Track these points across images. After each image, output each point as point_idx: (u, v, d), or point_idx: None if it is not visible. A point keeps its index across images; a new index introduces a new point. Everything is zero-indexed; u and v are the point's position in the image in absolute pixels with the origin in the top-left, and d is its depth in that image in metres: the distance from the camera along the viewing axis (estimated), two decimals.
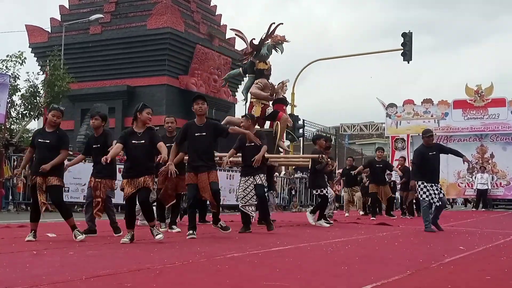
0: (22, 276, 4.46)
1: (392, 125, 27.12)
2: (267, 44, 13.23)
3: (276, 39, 13.41)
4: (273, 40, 13.39)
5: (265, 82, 12.89)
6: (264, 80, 12.93)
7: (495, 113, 24.96)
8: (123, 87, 37.11)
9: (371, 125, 63.32)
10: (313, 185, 11.64)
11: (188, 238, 7.91)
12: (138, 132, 7.51)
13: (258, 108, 12.89)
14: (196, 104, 8.28)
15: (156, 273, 4.76)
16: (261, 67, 13.08)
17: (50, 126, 7.73)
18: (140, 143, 7.43)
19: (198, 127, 8.28)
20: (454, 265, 5.76)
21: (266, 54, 13.11)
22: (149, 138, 7.47)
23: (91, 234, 8.25)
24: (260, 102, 12.93)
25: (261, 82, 12.86)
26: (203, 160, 8.20)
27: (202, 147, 8.25)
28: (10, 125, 25.18)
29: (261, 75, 13.01)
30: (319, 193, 11.40)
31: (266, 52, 13.12)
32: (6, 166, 15.86)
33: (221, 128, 8.75)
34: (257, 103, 12.98)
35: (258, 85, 12.82)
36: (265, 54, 13.10)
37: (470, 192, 25.63)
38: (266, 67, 13.09)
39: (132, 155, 7.50)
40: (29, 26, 39.35)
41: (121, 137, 7.65)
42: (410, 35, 25.15)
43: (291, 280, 4.55)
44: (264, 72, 13.03)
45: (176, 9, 37.03)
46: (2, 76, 16.88)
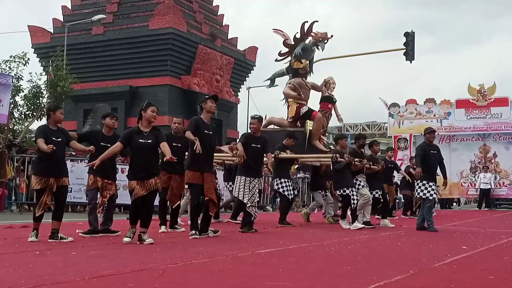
0: (25, 276, 4.47)
1: (394, 124, 27.06)
2: (302, 43, 13.30)
3: (316, 37, 13.52)
4: (313, 38, 13.48)
5: (298, 81, 12.93)
6: (298, 79, 12.98)
7: (498, 112, 24.89)
8: (126, 88, 37.12)
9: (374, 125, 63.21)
10: (335, 186, 11.23)
11: (191, 238, 7.90)
12: (144, 131, 7.43)
13: (293, 108, 13.03)
14: (212, 103, 8.36)
15: (159, 273, 4.76)
16: (296, 66, 13.17)
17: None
18: (147, 143, 7.36)
19: (207, 125, 8.29)
20: (457, 264, 5.75)
21: (300, 53, 13.17)
22: (155, 137, 7.43)
23: (94, 234, 8.25)
24: (295, 102, 12.98)
25: (294, 82, 12.93)
26: (209, 160, 8.21)
27: (210, 146, 8.27)
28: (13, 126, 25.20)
29: (296, 75, 13.11)
30: (341, 193, 10.79)
31: (300, 51, 13.19)
32: (9, 166, 15.89)
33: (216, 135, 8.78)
34: (292, 103, 13.08)
35: (290, 85, 12.92)
36: (299, 53, 13.17)
37: (473, 192, 25.58)
38: (301, 66, 13.12)
39: (140, 155, 7.36)
40: (31, 27, 39.38)
41: (124, 136, 7.47)
42: (413, 34, 25.09)
43: (294, 280, 4.55)
44: (299, 71, 13.09)
45: (178, 9, 37.03)
46: (5, 76, 16.90)
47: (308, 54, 13.47)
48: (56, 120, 7.63)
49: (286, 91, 12.92)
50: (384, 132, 49.89)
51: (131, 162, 7.51)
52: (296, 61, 13.18)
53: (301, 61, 13.16)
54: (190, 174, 8.15)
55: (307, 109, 12.89)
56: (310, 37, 13.56)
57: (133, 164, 7.46)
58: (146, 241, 7.18)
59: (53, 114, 7.61)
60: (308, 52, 13.49)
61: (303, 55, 13.21)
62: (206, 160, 8.09)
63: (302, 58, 13.17)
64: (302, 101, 12.97)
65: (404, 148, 26.21)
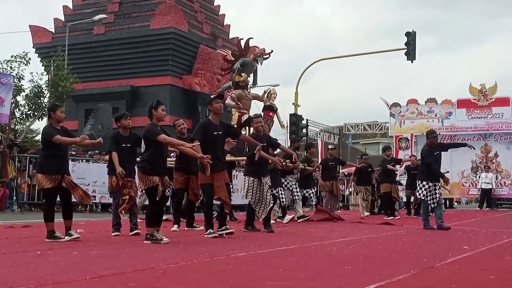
0: (26, 276, 4.47)
1: (396, 124, 27.07)
2: (242, 59, 14.86)
3: (255, 53, 15.16)
4: (253, 54, 15.05)
5: (239, 93, 14.08)
6: (239, 91, 14.14)
7: (499, 112, 24.90)
8: (127, 87, 37.12)
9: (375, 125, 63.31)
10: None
11: (211, 236, 8.03)
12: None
13: (236, 116, 14.20)
14: (217, 103, 8.41)
15: (160, 273, 4.76)
16: (237, 79, 14.41)
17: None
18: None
19: (216, 126, 8.34)
20: (458, 264, 5.75)
21: (239, 68, 14.65)
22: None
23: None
24: (237, 111, 14.15)
25: (235, 93, 14.09)
26: (219, 160, 8.25)
27: (220, 146, 8.39)
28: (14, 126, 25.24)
29: (237, 87, 14.32)
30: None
31: (239, 66, 14.71)
32: (10, 166, 15.91)
33: (233, 131, 9.01)
34: (235, 112, 14.28)
35: (232, 96, 14.08)
36: (238, 68, 14.67)
37: (474, 192, 25.58)
38: (241, 79, 14.33)
39: (162, 151, 7.54)
40: (33, 27, 39.39)
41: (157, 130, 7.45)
42: (414, 34, 25.10)
43: (295, 280, 4.55)
44: (240, 83, 14.27)
45: (180, 9, 37.03)
46: (6, 76, 16.93)
47: (248, 69, 15.01)
48: (57, 120, 7.67)
49: (228, 101, 13.86)
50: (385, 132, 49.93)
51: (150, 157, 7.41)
52: (236, 75, 14.52)
53: (241, 74, 14.47)
54: (202, 175, 8.22)
55: (248, 117, 13.80)
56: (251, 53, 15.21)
57: (154, 158, 7.41)
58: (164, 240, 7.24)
59: (53, 113, 7.65)
60: (249, 67, 15.04)
61: (242, 70, 14.67)
62: (217, 160, 8.10)
63: (241, 72, 14.54)
64: (243, 110, 14.13)
65: (405, 148, 26.21)
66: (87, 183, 16.22)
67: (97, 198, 16.45)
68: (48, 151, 7.52)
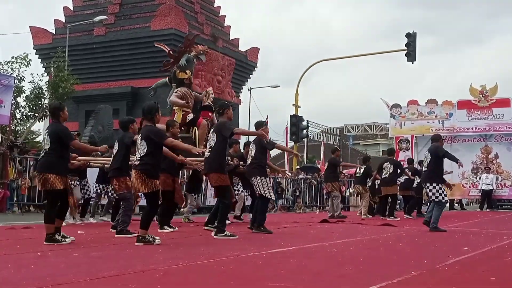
0: (27, 277, 4.47)
1: (396, 125, 27.06)
2: (186, 55, 13.99)
3: (197, 50, 14.38)
4: (195, 51, 14.29)
5: (184, 91, 13.47)
6: (184, 89, 13.51)
7: (500, 113, 24.88)
8: (127, 88, 37.14)
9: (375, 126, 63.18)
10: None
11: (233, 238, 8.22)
12: None
13: (179, 115, 13.48)
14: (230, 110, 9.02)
15: (161, 274, 4.76)
16: (181, 76, 13.68)
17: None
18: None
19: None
20: (459, 265, 5.75)
21: (185, 64, 13.80)
22: None
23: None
24: (181, 110, 13.50)
25: (180, 91, 13.46)
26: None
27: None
28: (15, 127, 25.27)
29: (181, 84, 13.62)
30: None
31: (185, 63, 13.83)
32: (11, 167, 15.90)
33: None
34: (178, 111, 13.58)
35: (177, 93, 13.44)
36: (183, 64, 13.80)
37: (474, 193, 25.55)
38: (186, 76, 13.66)
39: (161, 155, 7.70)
40: (33, 28, 39.42)
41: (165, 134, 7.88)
42: (414, 35, 25.10)
43: (296, 281, 4.55)
44: (184, 81, 13.62)
45: (180, 10, 37.05)
46: (7, 77, 16.94)
47: (190, 66, 14.16)
48: (65, 119, 7.64)
49: (173, 99, 13.43)
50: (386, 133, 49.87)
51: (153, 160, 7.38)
52: (181, 72, 13.74)
53: (186, 71, 13.74)
54: (224, 176, 8.47)
55: (193, 116, 13.42)
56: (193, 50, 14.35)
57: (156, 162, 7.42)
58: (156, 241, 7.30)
59: (62, 113, 7.59)
60: (190, 64, 14.16)
61: (187, 66, 13.89)
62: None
63: (186, 69, 13.79)
64: (187, 109, 13.54)
65: (405, 149, 26.21)
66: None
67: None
68: (62, 153, 7.42)
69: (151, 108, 7.60)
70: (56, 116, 7.60)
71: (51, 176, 7.29)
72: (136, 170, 7.36)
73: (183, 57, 13.98)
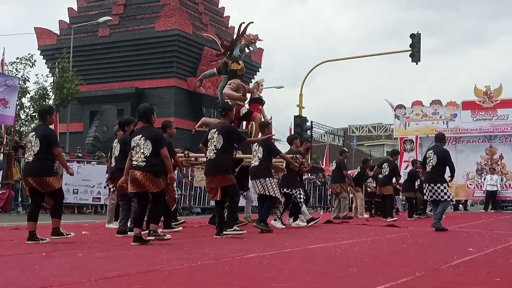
0: (31, 277, 4.48)
1: (400, 126, 27.01)
2: (239, 45, 13.29)
3: (248, 38, 13.53)
4: (245, 40, 13.47)
5: (238, 83, 12.90)
6: (237, 81, 12.93)
7: (504, 114, 24.82)
8: (132, 89, 37.20)
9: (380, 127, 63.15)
10: (284, 184, 11.29)
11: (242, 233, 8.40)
12: None
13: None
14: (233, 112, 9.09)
15: (165, 274, 4.76)
16: (234, 67, 13.08)
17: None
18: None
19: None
20: (463, 266, 5.73)
21: (239, 55, 13.15)
22: None
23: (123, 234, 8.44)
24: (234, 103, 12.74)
25: (234, 83, 12.86)
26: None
27: None
28: (19, 127, 25.32)
29: (234, 76, 13.00)
30: (288, 192, 11.15)
31: (239, 53, 13.17)
32: (15, 168, 15.94)
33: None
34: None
35: (231, 86, 12.82)
36: (237, 55, 13.14)
37: (479, 194, 25.49)
38: (239, 67, 13.08)
39: None
40: (38, 29, 39.53)
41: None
42: (419, 36, 25.05)
43: (300, 282, 4.54)
44: (237, 72, 13.03)
45: (184, 11, 37.10)
46: (12, 78, 16.96)
47: (242, 56, 13.48)
48: (51, 123, 7.95)
49: (228, 92, 12.77)
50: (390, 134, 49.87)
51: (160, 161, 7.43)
52: (233, 63, 13.11)
53: (239, 62, 13.13)
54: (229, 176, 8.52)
55: (247, 110, 12.84)
56: (243, 39, 13.55)
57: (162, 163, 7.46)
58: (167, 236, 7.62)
59: (49, 117, 7.81)
60: (243, 54, 13.49)
61: (240, 57, 13.24)
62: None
63: (239, 60, 13.18)
64: (240, 102, 12.92)
65: (410, 150, 26.16)
66: (92, 184, 16.27)
67: (101, 200, 16.47)
68: (52, 156, 7.62)
69: (147, 110, 7.61)
70: (43, 118, 7.76)
71: (52, 178, 7.54)
72: (143, 171, 7.34)
73: (236, 47, 13.33)
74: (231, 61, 13.17)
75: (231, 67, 13.14)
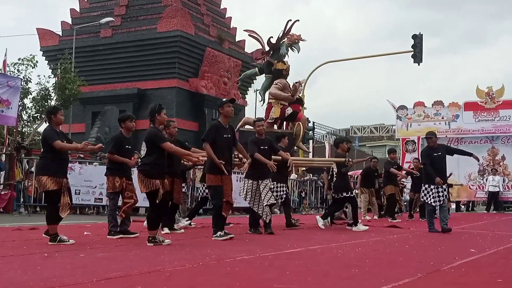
0: (33, 278, 4.48)
1: (402, 127, 27.00)
2: (284, 44, 12.99)
3: (292, 38, 13.26)
4: (289, 40, 13.21)
5: (284, 83, 12.71)
6: (283, 81, 12.74)
7: (506, 115, 24.81)
8: (134, 90, 37.21)
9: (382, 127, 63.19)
10: (340, 189, 11.19)
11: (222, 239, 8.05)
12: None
13: (277, 109, 12.77)
14: (229, 107, 8.45)
15: (167, 275, 4.77)
16: (280, 67, 12.88)
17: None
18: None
19: (225, 129, 8.38)
20: (465, 267, 5.73)
21: (285, 53, 12.89)
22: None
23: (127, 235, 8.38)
24: (279, 103, 12.77)
25: (280, 83, 12.66)
26: (228, 163, 8.32)
27: (229, 149, 8.43)
28: (22, 128, 25.35)
29: (280, 75, 12.79)
30: (349, 196, 11.07)
31: (285, 51, 12.90)
32: (17, 169, 15.95)
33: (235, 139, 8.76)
34: (276, 104, 12.84)
35: (278, 85, 12.63)
36: (284, 53, 12.87)
37: (481, 195, 25.47)
38: (285, 67, 12.87)
39: (163, 154, 7.49)
40: (40, 30, 39.56)
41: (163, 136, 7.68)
42: (421, 36, 25.06)
43: (302, 283, 4.55)
44: (283, 72, 12.81)
45: (186, 12, 37.10)
46: (14, 79, 16.97)
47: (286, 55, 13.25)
48: (57, 122, 7.69)
49: (275, 91, 12.60)
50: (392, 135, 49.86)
51: (151, 160, 7.41)
52: (279, 62, 12.93)
53: (284, 62, 12.94)
54: (211, 177, 8.26)
55: (292, 110, 12.68)
56: (286, 38, 13.34)
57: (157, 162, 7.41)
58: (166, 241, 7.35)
59: (54, 116, 7.63)
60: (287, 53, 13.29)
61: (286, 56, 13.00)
62: (226, 164, 8.19)
63: (284, 59, 12.95)
64: (284, 102, 12.75)
65: (412, 150, 26.13)
66: (94, 185, 16.25)
67: (103, 201, 16.47)
68: (52, 154, 7.52)
69: (150, 110, 7.62)
70: (48, 119, 7.74)
71: (43, 177, 7.43)
72: (138, 172, 7.48)
73: (282, 46, 13.07)
74: (276, 60, 12.96)
75: (276, 66, 12.96)
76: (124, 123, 8.60)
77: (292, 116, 12.75)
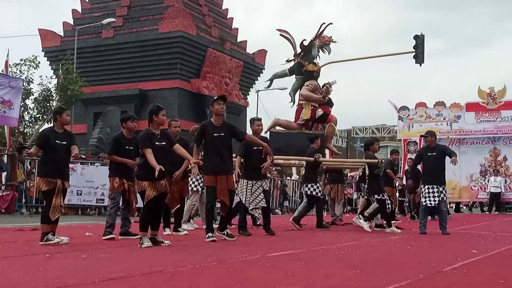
0: (35, 279, 4.49)
1: (404, 128, 26.96)
2: (316, 46, 13.07)
3: (323, 40, 13.37)
4: (320, 41, 13.31)
5: (315, 84, 12.78)
6: (314, 82, 12.82)
7: (508, 115, 24.75)
8: (135, 91, 37.25)
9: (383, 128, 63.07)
10: (373, 191, 11.20)
11: (209, 240, 7.89)
12: (157, 134, 7.50)
13: (308, 111, 12.79)
14: (218, 104, 8.31)
15: (168, 276, 4.77)
16: (311, 68, 12.93)
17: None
18: (162, 145, 7.45)
19: (216, 127, 8.20)
20: (467, 268, 5.72)
21: (316, 55, 12.96)
22: (167, 140, 7.55)
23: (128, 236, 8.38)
24: (310, 104, 12.78)
25: (311, 84, 12.73)
26: (224, 161, 8.14)
27: (224, 148, 8.18)
28: (24, 129, 25.37)
29: (311, 77, 12.85)
30: (380, 198, 11.08)
31: (316, 53, 12.98)
32: (19, 169, 15.97)
33: (238, 131, 8.53)
34: (306, 105, 12.86)
35: (309, 87, 12.69)
36: (315, 55, 12.94)
37: (483, 195, 25.42)
38: (316, 68, 12.92)
39: (157, 157, 7.28)
40: (42, 30, 39.61)
41: (146, 140, 7.39)
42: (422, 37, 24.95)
43: (303, 284, 4.54)
44: (314, 73, 12.87)
45: (188, 12, 37.14)
46: (16, 80, 16.98)
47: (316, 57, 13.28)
48: (63, 123, 7.66)
49: (306, 93, 12.63)
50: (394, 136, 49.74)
51: (143, 163, 7.40)
52: (310, 64, 12.94)
53: (315, 63, 12.97)
54: (205, 177, 8.22)
55: (322, 112, 12.71)
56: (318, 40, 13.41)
57: (145, 164, 7.34)
58: (165, 242, 7.39)
59: (59, 117, 7.61)
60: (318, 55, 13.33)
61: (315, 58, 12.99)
62: (220, 162, 8.07)
63: (314, 61, 12.98)
64: (315, 104, 12.77)
65: (414, 151, 26.02)
66: (96, 186, 16.27)
67: (105, 201, 16.47)
68: (44, 155, 7.57)
69: (149, 111, 7.61)
70: (54, 120, 7.75)
71: (38, 178, 7.56)
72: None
73: (313, 47, 13.13)
74: (307, 62, 13.00)
75: (307, 68, 13.00)
76: (125, 124, 8.57)
77: (323, 117, 12.80)
